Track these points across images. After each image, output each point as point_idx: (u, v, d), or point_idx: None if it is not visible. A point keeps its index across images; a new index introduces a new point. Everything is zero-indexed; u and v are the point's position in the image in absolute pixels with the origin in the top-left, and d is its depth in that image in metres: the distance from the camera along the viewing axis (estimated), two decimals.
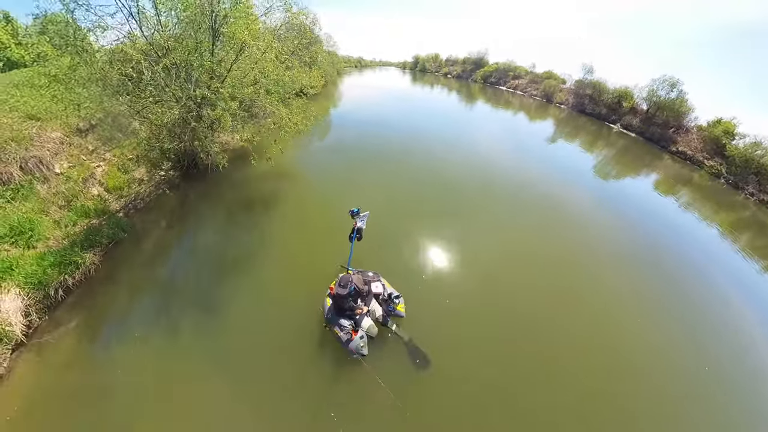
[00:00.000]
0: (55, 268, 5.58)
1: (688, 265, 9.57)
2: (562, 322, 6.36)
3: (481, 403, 4.77)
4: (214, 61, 8.03)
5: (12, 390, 4.57)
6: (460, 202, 10.74)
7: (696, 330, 7.01)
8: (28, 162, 6.88)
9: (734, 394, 5.73)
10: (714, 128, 22.02)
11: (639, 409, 5.11)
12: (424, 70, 60.66)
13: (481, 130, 22.12)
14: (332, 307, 5.11)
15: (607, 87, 29.89)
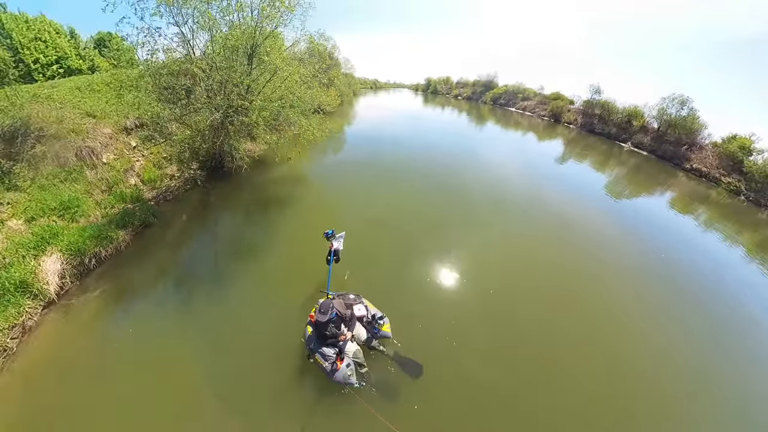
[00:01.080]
0: (93, 240, 6.32)
1: (712, 285, 9.04)
2: (572, 335, 6.10)
3: (484, 418, 4.52)
4: (250, 79, 9.02)
5: (35, 343, 5.02)
6: (470, 218, 10.55)
7: (708, 343, 6.66)
8: (82, 151, 7.91)
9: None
10: (729, 144, 21.57)
11: (641, 414, 4.92)
12: (436, 92, 62.34)
13: (492, 149, 22.12)
14: (314, 336, 4.68)
15: (616, 106, 29.96)
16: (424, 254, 7.93)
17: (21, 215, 6.16)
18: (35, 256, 5.57)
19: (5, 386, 4.46)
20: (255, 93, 9.40)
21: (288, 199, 10.48)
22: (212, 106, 8.52)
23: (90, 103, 9.13)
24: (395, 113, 34.66)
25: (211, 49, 8.67)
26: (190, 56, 8.58)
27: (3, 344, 4.64)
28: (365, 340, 4.96)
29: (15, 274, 5.16)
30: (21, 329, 4.94)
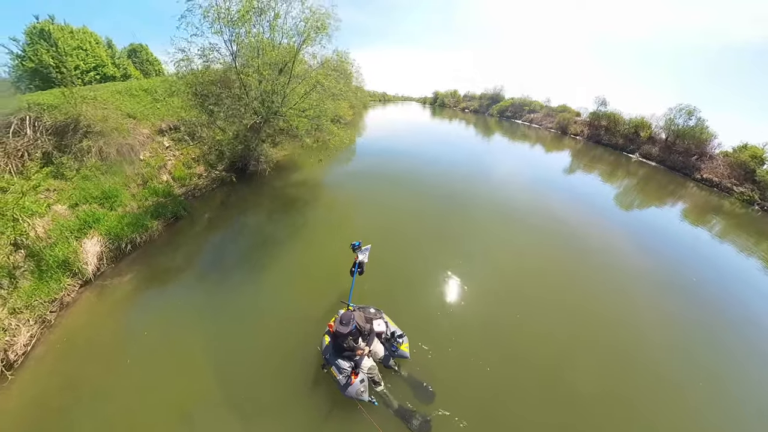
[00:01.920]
0: (130, 227, 6.80)
1: (730, 297, 8.78)
2: (584, 347, 6.00)
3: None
4: (289, 88, 9.88)
5: (70, 319, 5.29)
6: (479, 233, 10.26)
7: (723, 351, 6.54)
8: (123, 147, 8.36)
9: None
10: (740, 153, 21.43)
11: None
12: (443, 105, 63.25)
13: (500, 161, 22.05)
14: (330, 346, 4.55)
15: (622, 118, 30.21)
16: (437, 267, 7.75)
17: (66, 201, 6.57)
18: (77, 238, 5.94)
19: (42, 357, 4.72)
20: (292, 102, 10.28)
21: (306, 204, 10.78)
22: (253, 110, 9.29)
23: (130, 106, 9.84)
24: (405, 125, 35.34)
25: (259, 62, 9.31)
26: (235, 68, 9.36)
27: (43, 316, 4.91)
28: (382, 357, 4.76)
29: (59, 252, 5.50)
30: (59, 304, 5.23)
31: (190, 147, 10.46)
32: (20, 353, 4.50)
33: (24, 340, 4.57)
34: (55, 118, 7.79)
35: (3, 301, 4.83)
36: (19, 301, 4.83)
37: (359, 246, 5.46)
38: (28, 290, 5.03)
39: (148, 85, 11.44)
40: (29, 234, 5.68)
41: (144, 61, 22.39)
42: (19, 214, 5.80)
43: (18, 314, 4.73)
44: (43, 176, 6.79)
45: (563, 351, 5.76)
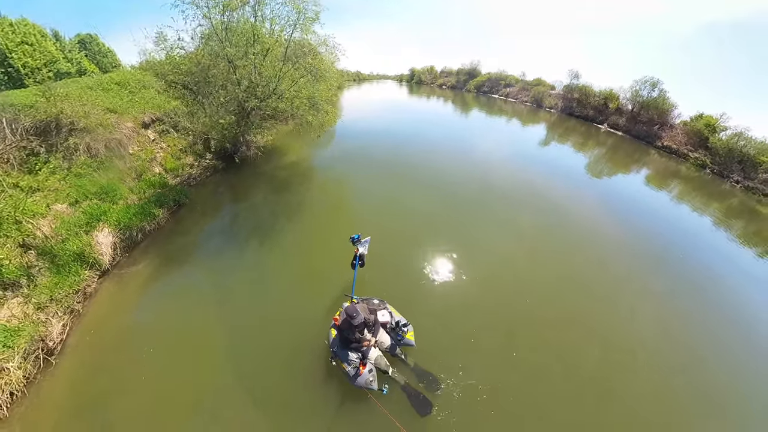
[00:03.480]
0: (137, 216, 7.30)
1: (684, 254, 9.83)
2: (576, 317, 6.39)
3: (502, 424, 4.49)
4: (282, 73, 10.22)
5: (95, 308, 5.75)
6: (465, 212, 10.48)
7: (689, 310, 7.22)
8: (111, 142, 8.40)
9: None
10: (697, 122, 23.22)
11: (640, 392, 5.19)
12: (420, 81, 62.64)
13: (479, 137, 22.34)
14: (337, 340, 4.69)
15: (593, 90, 31.51)
16: (429, 249, 7.94)
17: (64, 200, 6.75)
18: (86, 232, 6.22)
19: (77, 344, 5.18)
20: (287, 85, 10.68)
21: (299, 187, 11.26)
22: (244, 96, 9.60)
23: (108, 101, 9.68)
24: (383, 105, 35.14)
25: (253, 50, 9.44)
26: (227, 57, 9.38)
27: (72, 306, 5.33)
28: (388, 347, 4.90)
29: (72, 247, 5.82)
30: (83, 294, 5.63)
31: (175, 138, 10.47)
32: (57, 341, 4.94)
33: (58, 329, 4.99)
34: (34, 118, 7.71)
35: (26, 298, 5.19)
36: (42, 297, 5.19)
37: (359, 239, 5.50)
38: (49, 285, 5.36)
39: (120, 78, 11.16)
40: (36, 234, 5.93)
41: (96, 53, 20.48)
42: (22, 217, 6.00)
43: (44, 309, 5.12)
44: (43, 178, 6.89)
45: (556, 329, 6.03)
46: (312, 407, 4.53)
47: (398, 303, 5.53)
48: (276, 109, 10.23)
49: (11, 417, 4.30)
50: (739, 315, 7.49)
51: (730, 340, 6.60)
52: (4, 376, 4.36)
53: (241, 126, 10.48)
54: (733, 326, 7.08)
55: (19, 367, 4.46)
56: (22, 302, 5.12)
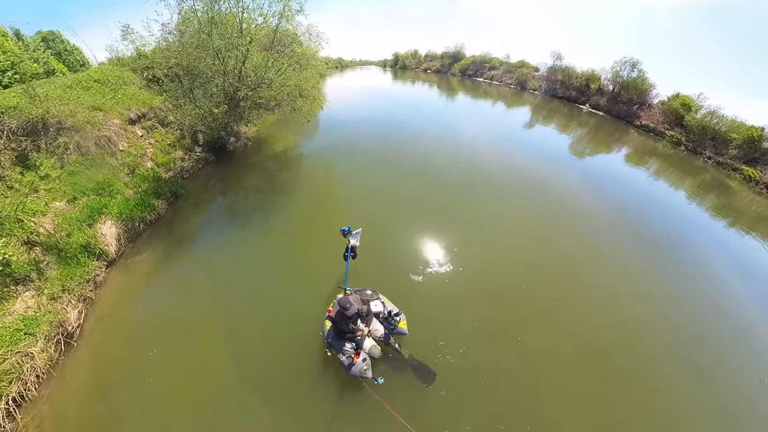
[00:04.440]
0: (138, 207, 7.79)
1: (661, 228, 10.63)
2: (561, 296, 6.79)
3: (495, 411, 4.74)
4: (272, 60, 10.79)
5: (106, 295, 6.25)
6: (453, 198, 10.67)
7: (666, 279, 7.88)
8: (100, 140, 8.58)
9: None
10: (673, 102, 24.45)
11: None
12: (404, 67, 62.32)
13: (465, 122, 22.55)
14: (332, 331, 4.90)
15: (575, 71, 32.37)
16: (421, 236, 8.18)
17: (62, 198, 7.06)
18: (90, 225, 6.61)
19: (93, 329, 5.66)
20: (273, 73, 11.17)
21: (290, 175, 11.77)
22: (233, 87, 10.03)
23: (90, 99, 9.76)
24: (368, 91, 35.17)
25: (240, 41, 9.84)
26: (213, 48, 9.76)
27: (84, 294, 5.79)
28: (382, 336, 5.08)
29: (77, 240, 6.23)
30: (94, 283, 6.08)
31: (163, 134, 10.69)
32: (76, 326, 5.41)
33: (74, 315, 5.44)
34: (19, 119, 7.77)
35: (38, 290, 5.59)
36: (54, 288, 5.60)
37: (349, 231, 5.64)
38: (60, 277, 5.77)
39: (99, 75, 11.20)
40: (39, 231, 6.27)
41: (61, 51, 19.63)
42: (23, 216, 6.32)
43: (58, 298, 5.54)
44: (37, 179, 7.12)
45: (548, 311, 6.39)
46: (308, 396, 4.79)
47: (390, 293, 5.76)
48: (266, 98, 10.78)
49: (39, 398, 4.78)
50: (716, 282, 8.36)
51: (710, 307, 7.29)
52: (29, 360, 4.83)
53: (231, 116, 10.92)
54: (712, 292, 7.86)
55: (42, 350, 4.92)
56: (35, 294, 5.53)
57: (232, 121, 11.20)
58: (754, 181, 17.66)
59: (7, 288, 5.50)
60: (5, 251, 5.60)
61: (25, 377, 4.71)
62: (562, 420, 4.76)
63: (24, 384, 4.69)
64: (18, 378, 4.67)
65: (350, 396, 4.76)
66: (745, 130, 19.69)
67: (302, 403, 4.75)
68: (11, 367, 4.68)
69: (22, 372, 4.70)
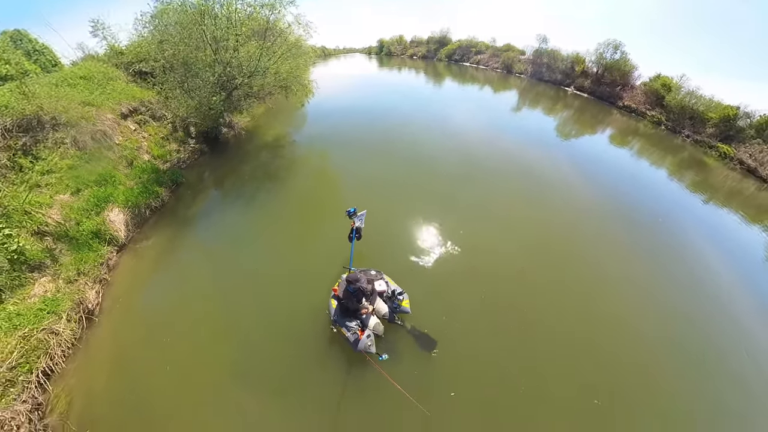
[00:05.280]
0: (143, 195, 8.39)
1: (642, 205, 11.42)
2: (554, 276, 7.19)
3: (493, 386, 5.07)
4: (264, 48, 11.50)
5: (119, 278, 6.79)
6: (444, 183, 10.99)
7: (649, 256, 8.40)
8: (96, 134, 8.92)
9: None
10: (654, 83, 25.56)
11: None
12: (390, 53, 62.17)
13: (453, 108, 22.58)
14: (338, 309, 5.17)
15: (561, 54, 33.18)
16: (416, 219, 8.56)
17: (65, 191, 7.48)
18: (97, 213, 7.10)
19: (110, 307, 6.20)
20: (267, 61, 11.75)
21: (286, 163, 12.34)
22: (227, 76, 10.56)
23: (79, 95, 9.98)
24: (354, 80, 35.22)
25: (235, 32, 10.35)
26: (208, 40, 10.23)
27: (101, 276, 6.33)
28: (385, 314, 5.31)
29: (87, 227, 6.73)
30: (107, 266, 6.60)
31: (156, 127, 11.06)
32: (95, 303, 5.96)
33: (93, 295, 5.97)
34: (13, 117, 7.97)
35: (54, 275, 6.08)
36: (70, 272, 6.10)
37: (354, 212, 5.73)
38: (74, 262, 6.25)
39: (85, 72, 11.43)
40: (47, 222, 6.71)
41: (31, 51, 18.80)
42: (30, 208, 6.74)
43: (74, 282, 6.05)
44: (37, 174, 7.48)
45: (543, 290, 6.77)
46: (315, 370, 5.12)
47: (391, 273, 6.08)
48: (259, 86, 11.38)
49: (67, 370, 5.33)
50: (697, 257, 9.01)
51: (693, 282, 7.87)
52: (54, 336, 5.35)
53: (226, 105, 11.43)
54: (695, 268, 8.44)
55: (66, 327, 5.45)
56: (52, 279, 6.01)
57: (226, 110, 11.72)
58: (729, 158, 18.81)
59: (24, 275, 5.97)
60: (18, 240, 6.05)
61: (52, 351, 5.23)
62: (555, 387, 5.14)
63: (51, 358, 5.22)
64: (45, 352, 5.19)
65: (356, 371, 5.07)
66: (721, 109, 20.77)
67: (310, 378, 5.08)
68: (38, 343, 5.20)
69: (50, 347, 5.23)
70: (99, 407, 4.85)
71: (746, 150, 18.51)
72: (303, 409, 4.76)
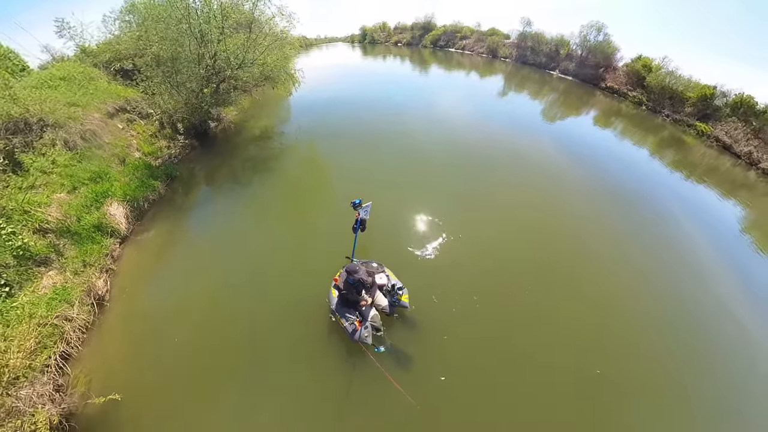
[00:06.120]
0: (140, 189, 8.79)
1: (627, 183, 12.30)
2: (545, 256, 7.60)
3: (483, 371, 5.30)
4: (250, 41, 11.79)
5: (124, 268, 7.25)
6: (435, 174, 11.22)
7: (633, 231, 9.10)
8: (86, 134, 9.14)
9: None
10: (636, 64, 26.55)
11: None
12: (374, 41, 61.73)
13: (440, 96, 22.68)
14: (337, 299, 5.34)
15: (545, 37, 33.90)
16: (410, 213, 8.76)
17: (61, 190, 7.83)
18: (97, 208, 7.51)
19: (119, 295, 6.67)
20: (257, 53, 12.10)
21: (278, 154, 12.89)
22: (213, 69, 10.95)
23: (61, 97, 10.14)
24: (338, 70, 35.11)
25: (224, 24, 10.65)
26: (193, 32, 10.41)
27: (107, 267, 6.80)
28: (384, 307, 5.43)
29: (89, 221, 7.15)
30: (111, 258, 7.07)
31: (143, 126, 11.36)
32: (104, 290, 6.45)
33: (101, 283, 6.45)
34: (0, 119, 8.21)
35: (61, 268, 6.52)
36: (76, 264, 6.54)
37: (360, 204, 5.78)
38: (79, 254, 6.69)
39: (63, 73, 11.57)
40: (48, 220, 7.09)
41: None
42: (30, 207, 7.11)
43: (81, 273, 6.50)
44: (31, 177, 7.73)
45: (541, 282, 6.98)
46: (313, 357, 5.43)
47: (386, 263, 6.29)
48: (246, 78, 11.89)
49: (83, 353, 5.82)
50: (680, 232, 9.84)
51: (677, 256, 8.59)
52: (68, 322, 5.83)
53: (214, 98, 11.86)
54: (677, 244, 9.16)
55: (79, 313, 5.93)
56: (59, 272, 6.45)
57: (214, 104, 12.06)
58: (706, 136, 19.86)
59: (31, 269, 6.39)
60: (22, 237, 6.46)
61: (68, 336, 5.72)
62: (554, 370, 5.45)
63: (68, 343, 5.71)
64: (61, 338, 5.67)
65: (353, 360, 5.32)
66: (699, 88, 21.82)
67: (307, 364, 5.38)
68: (54, 329, 5.67)
69: (65, 332, 5.71)
70: (116, 384, 5.28)
71: (722, 128, 19.57)
72: (303, 393, 5.08)
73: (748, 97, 19.53)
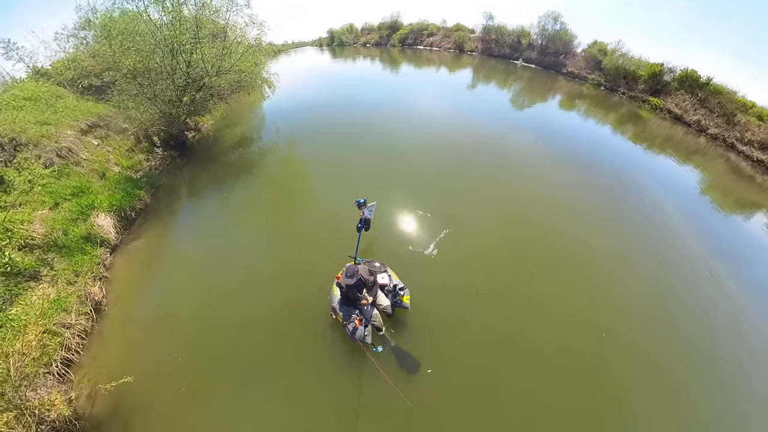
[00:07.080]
0: (125, 199, 8.94)
1: (597, 159, 13.47)
2: (545, 249, 7.83)
3: (480, 385, 5.23)
4: (223, 47, 12.14)
5: (117, 275, 7.46)
6: (418, 173, 11.24)
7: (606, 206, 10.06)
8: (62, 151, 9.17)
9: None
10: (592, 48, 28.21)
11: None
12: (342, 43, 62.04)
13: (412, 94, 22.74)
14: (339, 296, 5.41)
15: (507, 29, 35.36)
16: (403, 212, 8.89)
17: (42, 207, 7.91)
18: (84, 220, 7.64)
19: (115, 301, 6.89)
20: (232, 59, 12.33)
21: (252, 158, 13.21)
22: (189, 79, 11.14)
23: (30, 117, 10.11)
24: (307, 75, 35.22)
25: (199, 34, 10.81)
26: (166, 43, 10.51)
27: (101, 275, 7.00)
28: (385, 307, 5.47)
29: (76, 233, 7.30)
30: (104, 267, 7.26)
31: (118, 141, 11.41)
32: (101, 297, 6.64)
33: (97, 290, 6.64)
34: None
35: (54, 280, 6.68)
36: (67, 275, 6.71)
37: (364, 203, 5.81)
38: (71, 265, 6.85)
39: (28, 93, 11.48)
40: (33, 236, 7.20)
41: None
42: (12, 225, 7.20)
43: (74, 283, 6.68)
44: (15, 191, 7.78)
45: (539, 276, 7.15)
46: (311, 359, 5.49)
47: (392, 267, 6.31)
48: (225, 84, 12.41)
49: (85, 359, 6.02)
50: (649, 201, 10.84)
51: (650, 228, 9.33)
52: (67, 330, 6.03)
53: (190, 108, 12.03)
54: (650, 214, 10.06)
55: (77, 320, 6.13)
56: (51, 284, 6.61)
57: (192, 113, 12.27)
58: (659, 109, 21.36)
59: (21, 284, 6.52)
60: (9, 253, 6.58)
61: (68, 343, 5.92)
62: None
63: (68, 349, 5.91)
64: (62, 345, 5.87)
65: (351, 360, 5.41)
66: (649, 67, 23.45)
67: (305, 364, 5.47)
68: (53, 337, 5.87)
69: (65, 338, 5.91)
70: (119, 389, 5.38)
71: (672, 100, 21.13)
72: (301, 393, 5.18)
73: (692, 71, 21.18)
